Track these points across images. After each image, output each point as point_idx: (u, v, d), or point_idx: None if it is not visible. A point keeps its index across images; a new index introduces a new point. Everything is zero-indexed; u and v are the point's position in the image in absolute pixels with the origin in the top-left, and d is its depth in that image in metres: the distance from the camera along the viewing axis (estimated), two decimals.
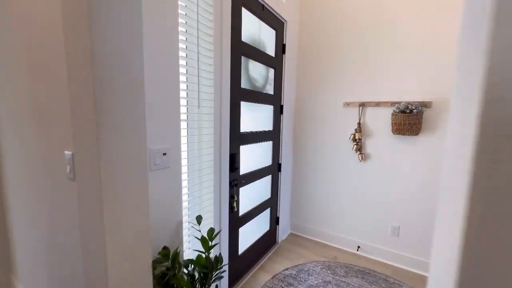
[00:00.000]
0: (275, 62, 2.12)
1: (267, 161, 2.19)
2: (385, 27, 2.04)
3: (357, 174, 2.29)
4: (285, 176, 2.48)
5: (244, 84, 1.75)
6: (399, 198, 2.12)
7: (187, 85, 1.33)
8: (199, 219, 1.26)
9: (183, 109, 1.30)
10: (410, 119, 1.92)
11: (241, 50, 1.65)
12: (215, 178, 1.49)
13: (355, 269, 2.10)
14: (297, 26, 2.42)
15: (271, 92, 2.13)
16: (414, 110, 1.89)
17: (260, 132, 2.00)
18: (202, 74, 1.36)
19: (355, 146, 2.22)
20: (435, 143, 1.93)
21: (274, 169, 2.30)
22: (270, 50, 2.05)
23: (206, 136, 1.44)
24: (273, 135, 2.21)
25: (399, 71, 2.02)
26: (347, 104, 2.26)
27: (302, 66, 2.48)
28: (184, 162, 1.33)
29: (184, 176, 1.33)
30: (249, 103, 1.86)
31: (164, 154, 1.10)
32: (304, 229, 2.65)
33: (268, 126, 2.15)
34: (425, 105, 1.92)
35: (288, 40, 2.25)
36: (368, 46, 2.12)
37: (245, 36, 1.71)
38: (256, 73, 1.92)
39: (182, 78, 1.28)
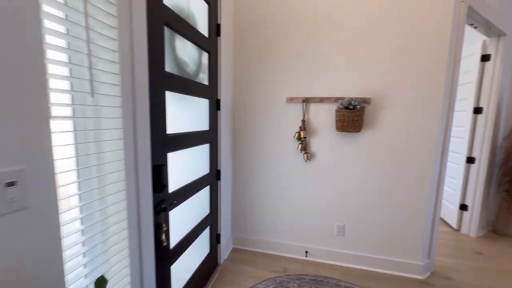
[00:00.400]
0: (209, 45, 1.69)
1: (204, 169, 1.75)
2: (329, 19, 1.91)
3: (302, 175, 2.12)
4: (225, 184, 2.09)
5: (170, 68, 1.27)
6: (343, 197, 2.06)
7: (69, 56, 0.77)
8: (100, 284, 0.74)
9: (62, 97, 0.74)
10: (353, 116, 1.86)
11: (164, 16, 1.16)
12: (130, 207, 0.97)
13: (307, 279, 1.92)
14: (231, 4, 2.05)
15: (205, 82, 1.69)
16: (357, 106, 1.84)
17: (195, 133, 1.55)
18: (98, 41, 0.82)
19: (300, 145, 2.04)
20: (375, 140, 1.94)
21: (212, 178, 1.87)
22: (203, 29, 1.61)
23: (112, 143, 0.90)
24: (210, 137, 1.78)
25: (342, 66, 1.93)
26: (290, 100, 2.05)
27: (239, 54, 2.13)
28: (71, 189, 0.77)
29: (72, 213, 0.77)
30: (179, 95, 1.38)
31: (11, 184, 0.54)
32: (247, 242, 2.33)
33: (203, 125, 1.71)
34: (366, 101, 1.90)
35: (223, 21, 1.86)
36: (312, 38, 1.96)
37: (169, 1, 1.22)
38: (186, 55, 1.45)
39: (56, 40, 0.72)
